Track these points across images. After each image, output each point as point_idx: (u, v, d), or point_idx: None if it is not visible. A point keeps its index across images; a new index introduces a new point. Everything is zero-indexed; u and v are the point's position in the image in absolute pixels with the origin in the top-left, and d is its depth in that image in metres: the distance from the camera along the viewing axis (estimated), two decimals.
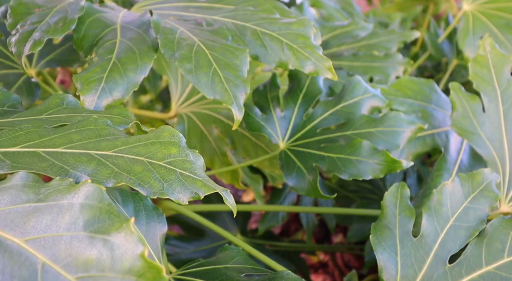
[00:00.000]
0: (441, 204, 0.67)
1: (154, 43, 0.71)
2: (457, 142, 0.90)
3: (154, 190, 0.51)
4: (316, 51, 0.73)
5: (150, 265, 0.36)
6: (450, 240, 0.65)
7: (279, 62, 0.72)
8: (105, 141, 0.54)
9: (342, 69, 1.08)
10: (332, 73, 0.72)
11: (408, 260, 0.64)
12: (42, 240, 0.38)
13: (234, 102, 0.66)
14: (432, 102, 0.91)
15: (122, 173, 0.51)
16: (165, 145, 0.55)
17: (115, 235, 0.38)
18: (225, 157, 1.00)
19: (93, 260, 0.37)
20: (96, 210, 0.40)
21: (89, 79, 0.65)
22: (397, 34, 1.14)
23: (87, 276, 0.36)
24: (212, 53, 0.69)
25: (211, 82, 0.67)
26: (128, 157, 0.53)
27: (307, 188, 0.77)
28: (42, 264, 0.37)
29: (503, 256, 0.65)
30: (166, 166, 0.53)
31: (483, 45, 0.85)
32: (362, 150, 0.76)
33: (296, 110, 0.86)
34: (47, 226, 0.39)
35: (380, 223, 0.66)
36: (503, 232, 0.66)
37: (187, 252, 1.11)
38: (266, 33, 0.74)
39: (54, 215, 0.40)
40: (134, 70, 0.67)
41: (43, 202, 0.41)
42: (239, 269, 0.62)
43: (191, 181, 0.53)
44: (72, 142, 0.53)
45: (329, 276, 1.46)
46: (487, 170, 0.70)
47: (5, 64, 0.86)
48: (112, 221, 0.39)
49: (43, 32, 0.67)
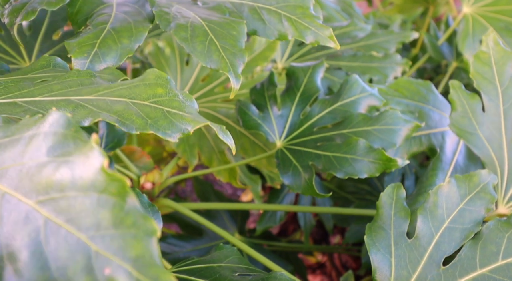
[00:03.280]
0: (436, 206, 0.67)
1: (150, 16, 0.70)
2: (453, 142, 0.90)
3: (136, 126, 0.49)
4: (316, 21, 0.71)
5: (112, 178, 0.34)
6: (445, 242, 0.65)
7: (278, 35, 0.71)
8: (87, 88, 0.52)
9: (341, 69, 1.08)
10: (333, 41, 0.70)
11: (402, 261, 0.63)
12: (4, 172, 0.37)
13: (231, 70, 0.64)
14: (429, 103, 0.91)
15: (101, 112, 0.49)
16: (150, 87, 0.53)
17: (77, 156, 0.36)
18: (223, 155, 1.00)
19: (53, 182, 0.35)
20: (61, 136, 0.38)
21: (81, 44, 0.63)
22: (395, 35, 1.14)
23: (47, 199, 0.35)
24: (209, 25, 0.68)
25: (207, 50, 0.65)
26: (109, 99, 0.51)
27: (302, 186, 0.77)
28: (2, 194, 0.36)
29: (497, 259, 0.64)
30: (151, 105, 0.51)
31: (486, 41, 0.82)
32: (358, 148, 0.76)
33: (293, 108, 0.86)
34: (12, 159, 0.38)
35: (375, 224, 0.66)
36: (498, 235, 0.65)
37: (185, 250, 1.12)
38: (264, 8, 0.72)
39: (20, 147, 0.38)
40: (128, 38, 0.65)
41: (10, 137, 0.40)
42: (233, 268, 0.62)
43: (179, 118, 0.51)
44: (52, 91, 0.52)
45: (326, 277, 1.46)
46: (484, 172, 0.69)
47: (4, 59, 0.87)
48: (76, 145, 0.36)
49: (38, 3, 0.65)
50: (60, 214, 0.34)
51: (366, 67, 1.08)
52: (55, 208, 0.34)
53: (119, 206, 0.33)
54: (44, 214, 0.34)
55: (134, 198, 0.33)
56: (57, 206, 0.34)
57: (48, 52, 0.89)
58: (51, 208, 0.34)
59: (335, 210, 1.13)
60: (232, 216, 1.20)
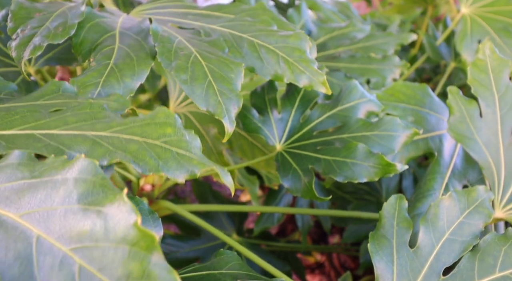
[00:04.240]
0: (437, 218, 0.69)
1: (152, 51, 0.72)
2: (450, 145, 0.90)
3: (149, 167, 0.51)
4: (311, 66, 0.73)
5: (144, 234, 0.36)
6: (445, 253, 0.67)
7: (275, 75, 0.73)
8: (100, 123, 0.55)
9: (340, 70, 1.09)
10: (326, 87, 0.72)
11: (404, 270, 0.65)
12: (36, 214, 0.39)
13: (226, 115, 0.67)
14: (426, 106, 0.91)
15: (117, 151, 0.51)
16: (160, 126, 0.56)
17: (109, 206, 0.38)
18: (221, 157, 1.00)
19: (86, 231, 0.37)
20: (90, 184, 0.40)
21: (86, 83, 0.65)
22: (394, 37, 1.14)
23: (80, 247, 0.37)
24: (208, 65, 0.70)
25: (205, 94, 0.67)
26: (123, 137, 0.53)
27: (302, 190, 0.78)
28: (37, 237, 0.37)
29: (495, 271, 0.66)
30: (162, 145, 0.54)
31: (482, 49, 0.84)
32: (358, 153, 0.76)
33: (293, 112, 0.87)
34: (42, 201, 0.40)
35: (378, 233, 0.67)
36: (496, 248, 0.67)
37: (183, 251, 1.12)
38: (263, 46, 0.74)
39: (49, 190, 0.40)
40: (131, 77, 0.68)
41: (38, 179, 0.41)
42: (234, 275, 0.63)
43: (187, 160, 0.53)
44: (67, 124, 0.54)
45: (325, 277, 1.46)
46: (482, 188, 0.72)
47: (4, 62, 0.87)
48: (105, 193, 0.39)
49: (43, 37, 0.67)
50: (93, 262, 0.36)
51: (365, 68, 1.08)
52: (88, 256, 0.36)
53: (148, 260, 0.36)
54: (78, 261, 0.36)
55: (161, 252, 0.36)
56: (90, 254, 0.36)
57: (48, 55, 0.89)
58: (84, 256, 0.36)
59: (333, 213, 1.14)
60: (230, 216, 1.20)
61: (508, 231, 0.69)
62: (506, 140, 0.81)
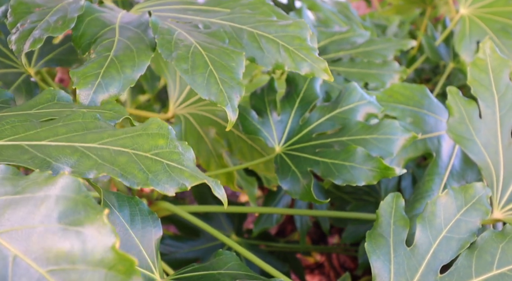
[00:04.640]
0: (434, 216, 0.68)
1: (152, 43, 0.72)
2: (449, 146, 0.90)
3: (137, 181, 0.50)
4: (312, 53, 0.73)
5: (122, 257, 0.36)
6: (442, 251, 0.67)
7: (276, 64, 0.72)
8: (91, 134, 0.54)
9: (340, 74, 1.09)
10: (328, 74, 0.72)
11: (401, 268, 0.65)
12: (15, 233, 0.38)
13: (228, 104, 0.67)
14: (424, 107, 0.92)
15: (105, 164, 0.50)
16: (152, 137, 0.55)
17: (88, 227, 0.37)
18: (221, 159, 1.00)
19: (64, 252, 0.36)
20: (72, 202, 0.39)
21: (86, 74, 0.65)
22: (394, 42, 1.14)
23: (58, 269, 0.36)
24: (209, 55, 0.70)
25: (206, 83, 0.67)
26: (113, 149, 0.52)
27: (301, 192, 0.78)
28: (13, 257, 0.36)
29: (492, 269, 0.66)
30: (153, 157, 0.53)
31: (483, 48, 0.84)
32: (356, 156, 0.76)
33: (293, 114, 0.87)
34: (22, 219, 0.39)
35: (375, 232, 0.67)
36: (493, 245, 0.67)
37: (181, 251, 1.12)
38: (263, 36, 0.74)
39: (30, 207, 0.39)
40: (131, 68, 0.67)
41: (20, 195, 0.41)
42: (233, 275, 0.63)
43: (178, 172, 0.52)
44: (57, 135, 0.53)
45: (324, 277, 1.47)
46: (479, 184, 0.71)
47: (4, 63, 0.87)
48: (87, 213, 0.38)
49: (43, 30, 0.67)
50: None
51: (365, 73, 1.09)
52: (65, 279, 0.36)
53: None
54: None
55: (139, 277, 0.35)
56: (67, 277, 0.36)
57: (48, 56, 0.89)
58: (61, 279, 0.36)
59: (332, 214, 1.14)
60: (229, 217, 1.20)
61: (505, 228, 0.68)
62: (505, 141, 0.81)
